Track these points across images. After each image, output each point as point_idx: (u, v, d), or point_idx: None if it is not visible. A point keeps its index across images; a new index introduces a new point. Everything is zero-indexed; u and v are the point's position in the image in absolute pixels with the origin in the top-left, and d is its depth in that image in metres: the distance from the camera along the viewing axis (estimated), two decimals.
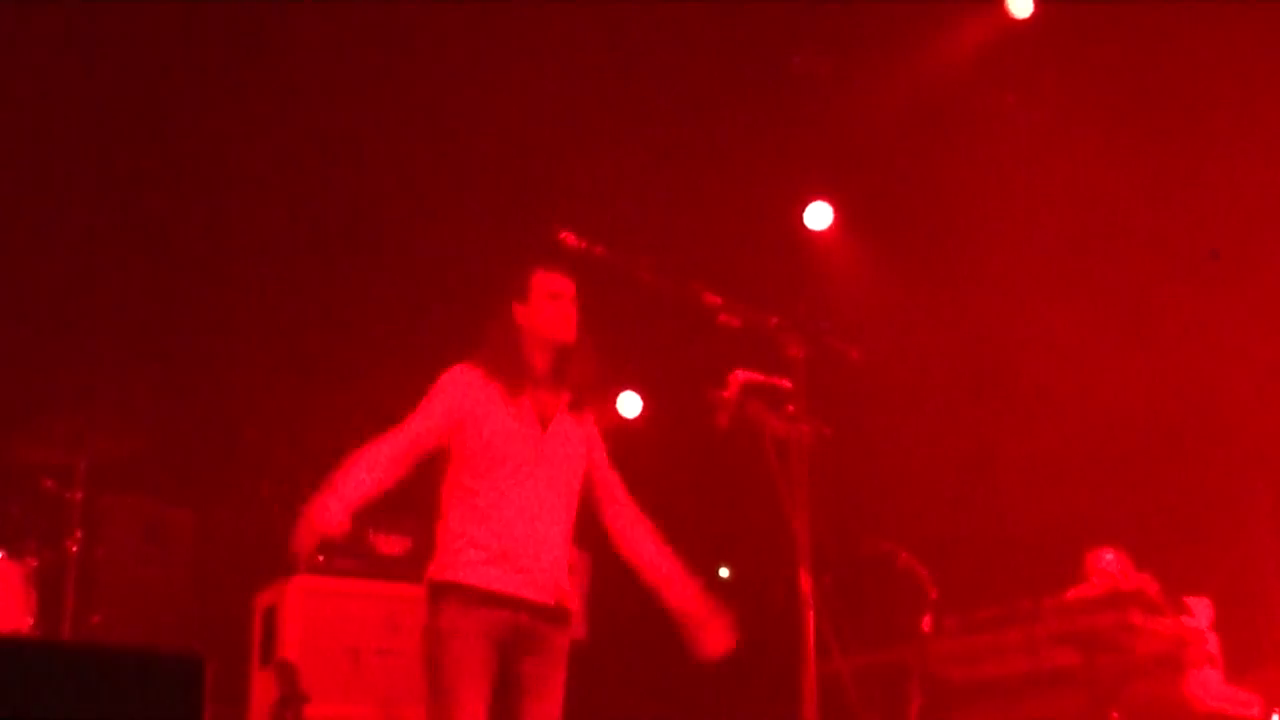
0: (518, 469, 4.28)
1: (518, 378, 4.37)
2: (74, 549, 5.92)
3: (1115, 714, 5.65)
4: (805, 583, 4.32)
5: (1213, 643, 6.21)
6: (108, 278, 7.61)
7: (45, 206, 7.34)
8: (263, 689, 6.22)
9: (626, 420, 9.02)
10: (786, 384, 4.41)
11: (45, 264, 7.43)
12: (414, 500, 4.64)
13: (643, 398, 9.03)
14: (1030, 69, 7.40)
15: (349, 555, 6.46)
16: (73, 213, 7.44)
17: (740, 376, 4.50)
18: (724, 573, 8.84)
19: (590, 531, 7.34)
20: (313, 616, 6.25)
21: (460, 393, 4.32)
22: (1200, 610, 6.20)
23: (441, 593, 4.21)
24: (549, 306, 4.42)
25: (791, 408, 4.41)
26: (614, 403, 9.00)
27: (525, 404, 4.36)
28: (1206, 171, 7.22)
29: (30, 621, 5.59)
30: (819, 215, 8.21)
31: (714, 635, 4.42)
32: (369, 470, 4.14)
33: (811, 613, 4.33)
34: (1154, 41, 7.06)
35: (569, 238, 4.09)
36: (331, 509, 4.03)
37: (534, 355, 4.43)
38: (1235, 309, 7.37)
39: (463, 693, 4.08)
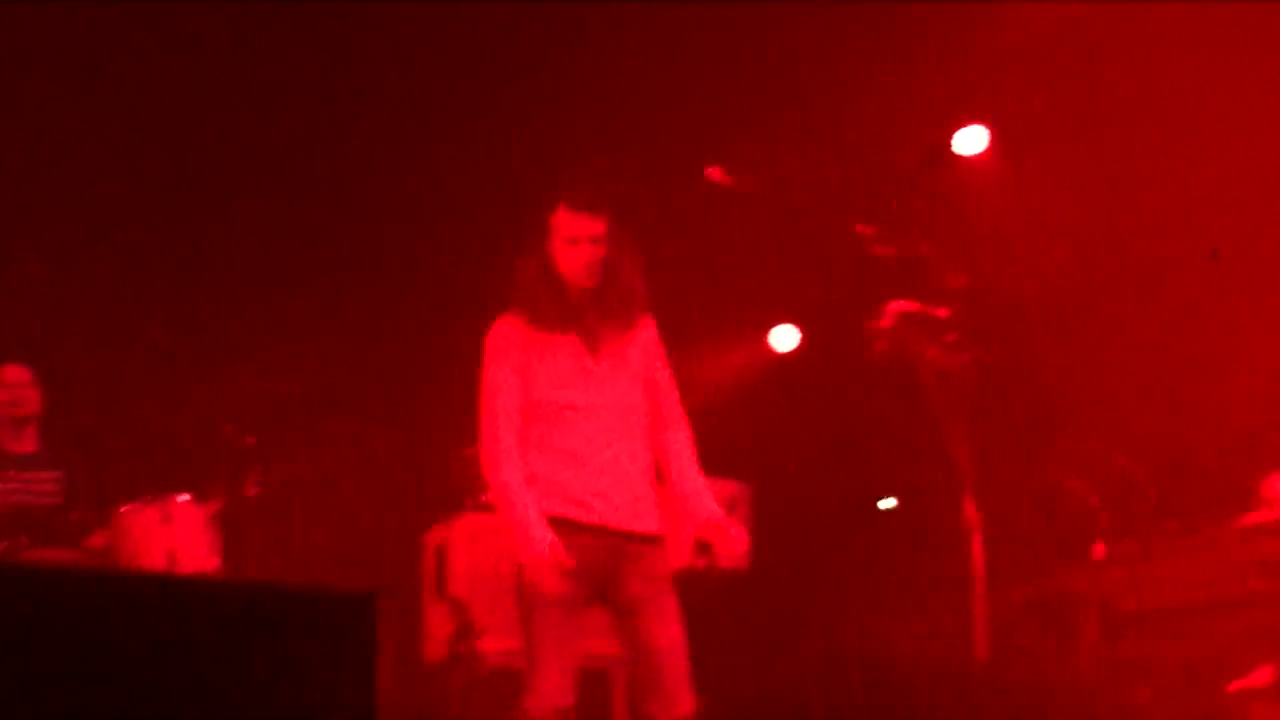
0: (579, 404, 4.26)
1: (555, 315, 4.31)
2: (253, 491, 6.13)
3: None
4: (970, 511, 4.29)
5: None
6: (287, 237, 7.84)
7: (211, 177, 7.58)
8: (437, 623, 6.39)
9: (782, 354, 9.00)
10: (944, 313, 4.36)
11: (217, 229, 7.68)
12: None
13: (799, 331, 8.98)
14: None
15: None
16: (239, 182, 7.66)
17: (896, 306, 4.46)
18: (888, 503, 8.79)
19: (752, 463, 7.40)
20: (480, 553, 6.39)
21: (510, 345, 4.31)
22: None
23: None
24: (567, 252, 4.31)
25: (951, 336, 4.36)
26: (769, 336, 8.98)
27: (570, 338, 4.31)
28: None
29: (217, 562, 5.81)
30: (973, 139, 8.02)
31: (730, 543, 4.33)
32: (523, 475, 4.21)
33: (978, 541, 4.30)
34: None
35: (716, 173, 4.04)
36: (547, 540, 4.12)
37: (568, 291, 4.35)
38: None
39: (550, 619, 4.15)
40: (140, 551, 5.60)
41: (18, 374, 6.15)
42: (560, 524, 4.15)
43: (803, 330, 8.97)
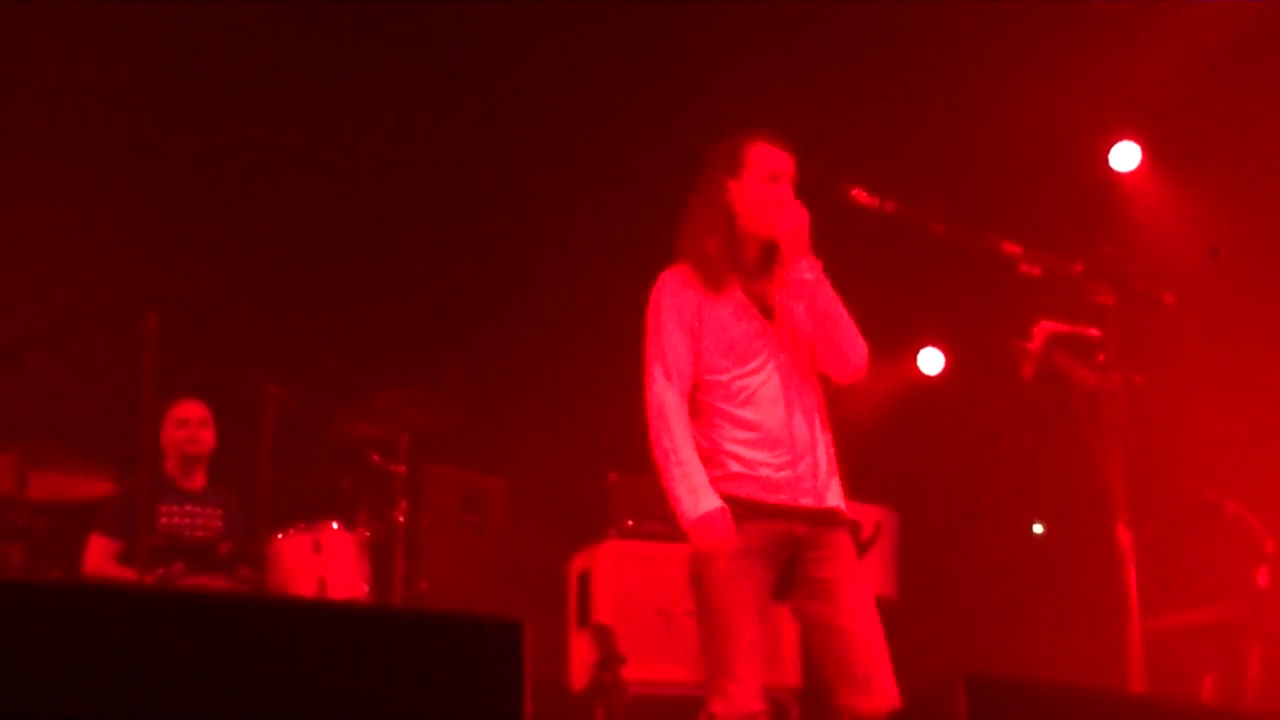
0: (757, 370, 3.85)
1: (728, 268, 3.88)
2: (400, 519, 6.19)
3: None
4: (1124, 537, 4.17)
5: None
6: (426, 269, 8.01)
7: (369, 205, 7.79)
8: (581, 650, 6.41)
9: (929, 377, 8.87)
10: (1095, 332, 4.26)
11: (369, 257, 7.88)
12: None
13: (945, 354, 8.85)
14: None
15: (657, 519, 6.58)
16: (395, 211, 7.86)
17: (1045, 327, 4.36)
18: (1038, 529, 8.59)
19: (898, 488, 7.29)
20: (624, 580, 6.40)
21: (681, 301, 3.88)
22: None
23: None
24: (767, 191, 3.88)
25: (1102, 356, 4.25)
26: (915, 359, 8.87)
27: (742, 298, 3.89)
28: None
29: (365, 589, 5.88)
30: (1126, 155, 7.84)
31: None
32: (692, 444, 3.81)
33: (1132, 567, 4.18)
34: None
35: (860, 194, 3.95)
36: (718, 508, 3.74)
37: (745, 240, 3.93)
38: None
39: (737, 612, 3.71)
40: (291, 579, 5.70)
41: (197, 411, 6.27)
42: (737, 504, 3.75)
43: (949, 353, 8.84)
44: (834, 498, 3.90)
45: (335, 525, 5.84)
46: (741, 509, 3.76)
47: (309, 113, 7.54)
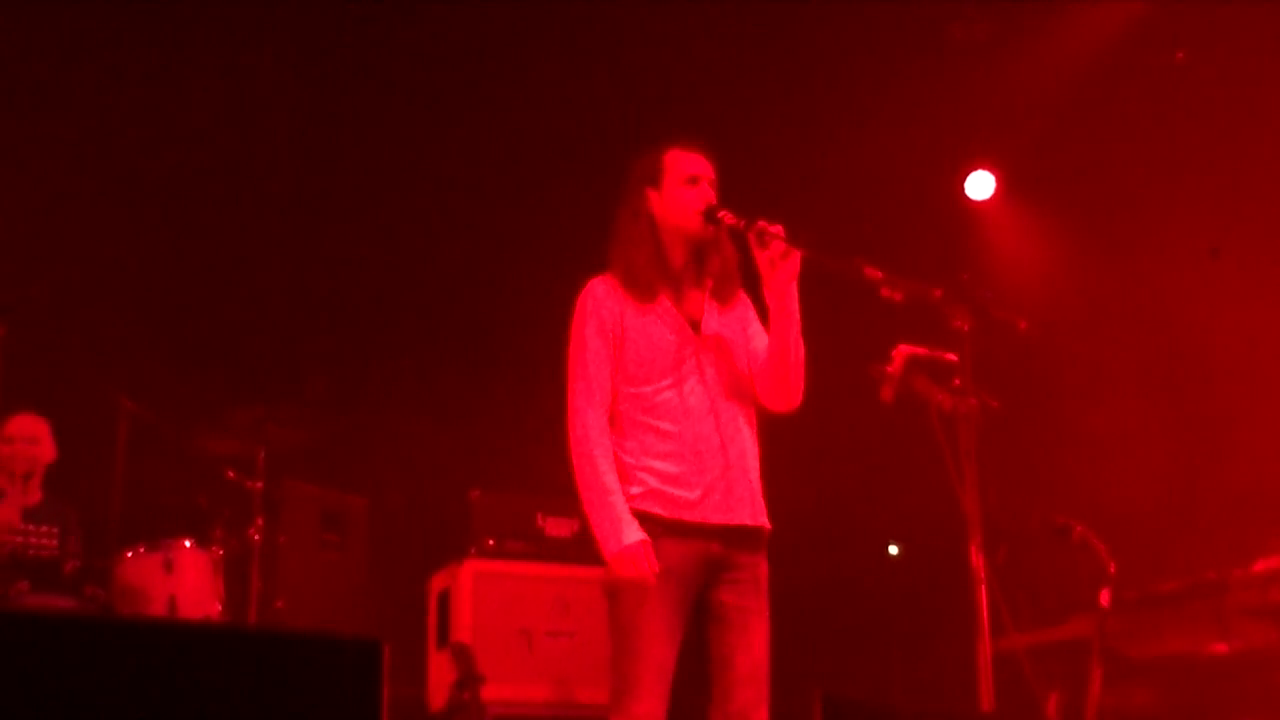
0: (680, 381, 3.82)
1: (655, 278, 3.88)
2: (256, 537, 6.10)
3: None
4: (976, 558, 4.26)
5: None
6: (287, 282, 7.88)
7: (228, 218, 7.63)
8: (440, 670, 6.35)
9: None
10: (952, 357, 4.35)
11: (229, 269, 7.72)
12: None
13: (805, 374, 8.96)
14: (1201, 24, 7.13)
15: (519, 538, 6.56)
16: (256, 222, 7.72)
17: (904, 350, 4.44)
18: (893, 550, 8.74)
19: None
20: (485, 599, 6.36)
21: (605, 309, 3.85)
22: None
23: None
24: (685, 194, 3.92)
25: (958, 381, 4.34)
26: None
27: (669, 308, 3.88)
28: None
29: (219, 607, 5.78)
30: (981, 184, 8.05)
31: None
32: (614, 470, 3.76)
33: (984, 588, 4.26)
34: None
35: (726, 216, 3.97)
36: (637, 540, 3.68)
37: (671, 249, 3.94)
38: None
39: (649, 633, 3.66)
40: (141, 598, 5.57)
41: (23, 427, 6.02)
42: (654, 523, 3.71)
43: (810, 374, 8.95)
44: (756, 516, 3.88)
45: (188, 543, 5.73)
46: (658, 527, 3.72)
47: (169, 115, 7.35)
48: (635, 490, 3.76)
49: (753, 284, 3.99)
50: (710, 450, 3.81)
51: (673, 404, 3.81)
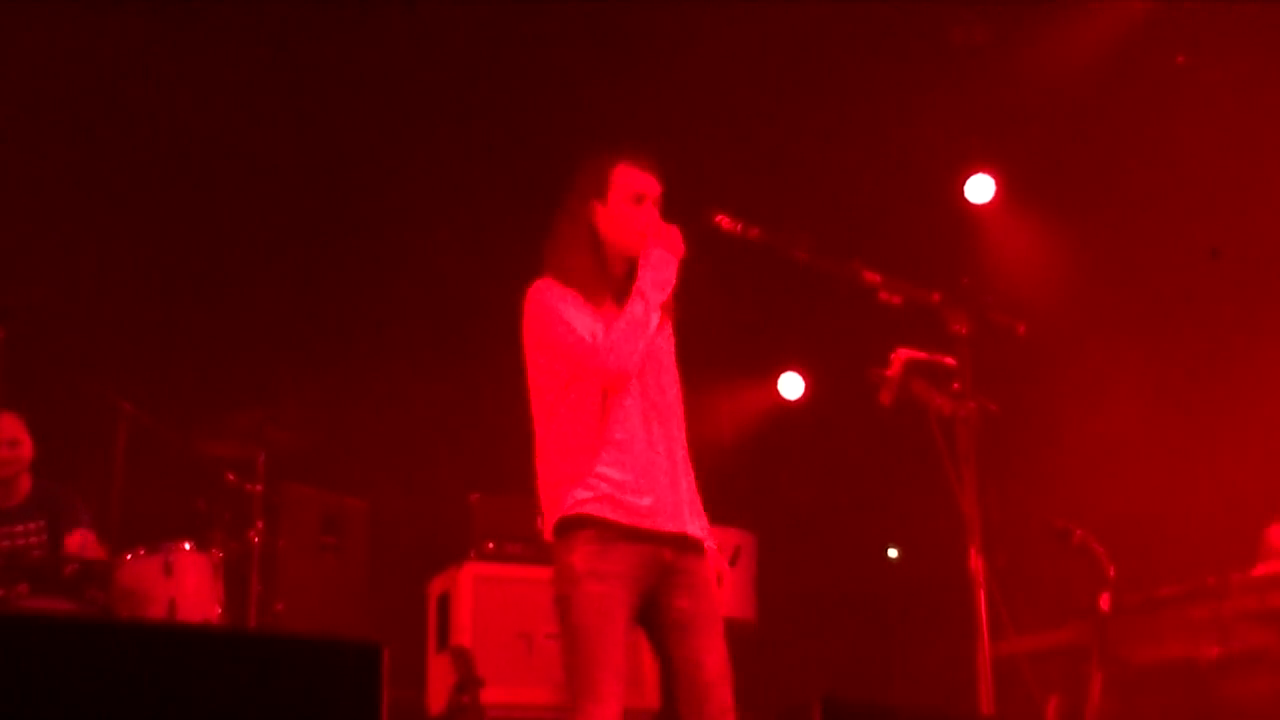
0: (626, 390, 3.77)
1: (596, 289, 3.81)
2: (256, 540, 6.09)
3: None
4: (975, 562, 4.26)
5: None
6: (281, 283, 7.88)
7: (227, 221, 7.63)
8: (439, 673, 6.35)
9: (788, 401, 8.99)
10: (950, 361, 4.35)
11: (229, 272, 7.73)
12: None
13: (805, 379, 8.98)
14: (1202, 27, 7.14)
15: (518, 541, 6.56)
16: (250, 225, 7.72)
17: (903, 354, 4.45)
18: (892, 553, 8.75)
19: (757, 511, 7.37)
20: (485, 602, 6.36)
21: (565, 302, 3.80)
22: None
23: (573, 528, 3.71)
24: (629, 213, 3.85)
25: (957, 385, 4.35)
26: (776, 384, 8.98)
27: (609, 317, 3.79)
28: None
29: (218, 610, 5.77)
30: (981, 188, 8.05)
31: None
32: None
33: (983, 592, 4.26)
34: None
35: (724, 220, 3.96)
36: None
37: (613, 261, 3.88)
38: None
39: (602, 635, 3.64)
40: (140, 601, 5.56)
41: (5, 430, 5.96)
42: (607, 528, 3.69)
43: (809, 378, 8.96)
44: (697, 526, 3.87)
45: (188, 546, 5.72)
46: (612, 532, 3.69)
47: (161, 121, 7.35)
48: (585, 495, 3.72)
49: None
50: (656, 459, 3.79)
51: (621, 411, 3.77)
